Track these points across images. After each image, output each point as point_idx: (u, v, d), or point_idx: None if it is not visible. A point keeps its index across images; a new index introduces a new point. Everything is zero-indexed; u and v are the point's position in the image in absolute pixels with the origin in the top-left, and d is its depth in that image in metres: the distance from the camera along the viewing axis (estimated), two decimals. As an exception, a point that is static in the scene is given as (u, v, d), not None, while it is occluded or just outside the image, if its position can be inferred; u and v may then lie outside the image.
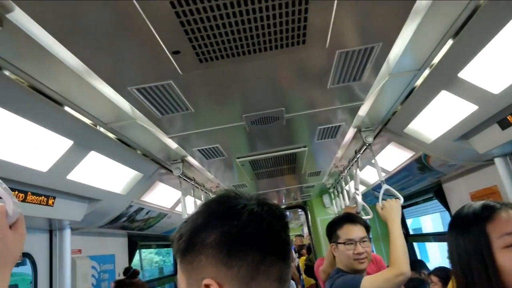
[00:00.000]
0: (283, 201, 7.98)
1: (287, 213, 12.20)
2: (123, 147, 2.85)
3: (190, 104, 2.04)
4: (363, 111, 2.88)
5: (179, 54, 1.47)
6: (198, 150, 3.00)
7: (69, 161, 2.45)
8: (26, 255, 3.17)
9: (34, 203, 2.52)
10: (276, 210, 0.86)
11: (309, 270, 7.47)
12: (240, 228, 0.81)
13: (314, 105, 2.42)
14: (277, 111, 2.39)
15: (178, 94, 1.87)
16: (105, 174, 3.02)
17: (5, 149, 2.02)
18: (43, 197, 2.56)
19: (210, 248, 0.80)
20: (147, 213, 4.35)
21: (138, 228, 4.65)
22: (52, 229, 3.45)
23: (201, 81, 1.79)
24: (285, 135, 3.00)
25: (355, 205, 3.53)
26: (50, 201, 2.71)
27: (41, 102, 1.97)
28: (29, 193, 2.44)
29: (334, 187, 6.24)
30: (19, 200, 2.39)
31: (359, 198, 3.52)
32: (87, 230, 3.82)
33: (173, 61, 1.53)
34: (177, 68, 1.59)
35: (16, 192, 2.32)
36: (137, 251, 5.25)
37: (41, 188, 2.49)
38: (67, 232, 3.50)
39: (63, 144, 2.32)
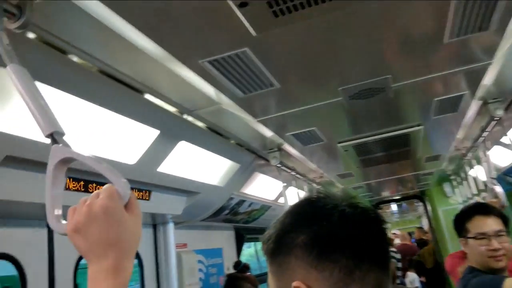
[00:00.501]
0: (397, 190, 7.34)
1: (397, 206, 11.31)
2: (215, 136, 2.69)
3: (273, 78, 1.76)
4: (489, 77, 2.33)
5: (247, 7, 1.20)
6: (293, 135, 2.72)
7: (157, 152, 2.35)
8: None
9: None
10: (371, 213, 0.83)
11: (419, 266, 6.82)
12: (329, 230, 0.78)
13: (428, 68, 1.98)
14: (382, 80, 2.00)
15: (256, 65, 1.61)
16: (200, 166, 2.90)
17: (89, 142, 1.95)
18: (136, 191, 2.50)
19: (299, 249, 0.78)
20: (249, 205, 4.21)
21: (242, 221, 4.55)
22: (155, 223, 3.46)
23: (281, 44, 1.50)
24: (394, 111, 2.58)
25: (496, 198, 2.93)
26: (145, 195, 2.65)
27: (120, 91, 1.86)
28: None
29: (456, 174, 5.52)
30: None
31: (499, 188, 2.92)
32: (191, 224, 3.79)
33: (241, 17, 1.26)
34: (249, 27, 1.32)
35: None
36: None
37: (132, 182, 2.42)
38: (170, 226, 3.49)
39: (149, 134, 2.21)
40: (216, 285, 4.27)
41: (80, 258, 2.67)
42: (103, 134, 1.98)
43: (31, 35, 1.42)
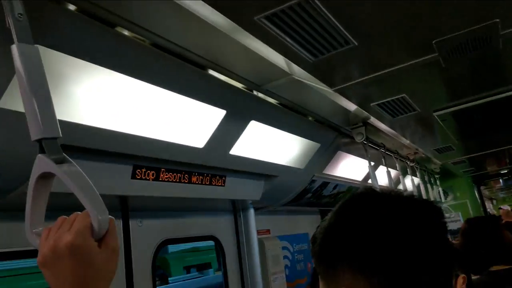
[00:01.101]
0: (505, 164, 6.53)
1: (504, 181, 10.16)
2: (289, 113, 2.44)
3: (348, 33, 1.45)
4: None
5: None
6: (379, 105, 2.36)
7: (226, 134, 2.15)
8: (211, 238, 3.08)
9: (200, 183, 2.31)
10: (428, 212, 0.74)
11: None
12: (380, 232, 0.70)
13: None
14: (487, 27, 1.60)
15: (325, 17, 1.31)
16: (276, 147, 2.66)
17: (152, 126, 1.80)
18: (207, 177, 2.34)
19: (345, 253, 0.72)
20: (334, 187, 3.91)
21: (328, 204, 4.27)
22: (235, 210, 3.31)
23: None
24: (502, 67, 2.12)
25: None
26: (220, 181, 2.49)
27: (179, 67, 1.69)
28: (193, 174, 2.25)
29: None
30: (184, 182, 2.21)
31: None
32: (272, 209, 3.59)
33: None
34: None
35: (176, 174, 2.13)
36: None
37: (203, 167, 2.26)
38: (251, 212, 3.32)
39: (214, 115, 2.01)
40: (303, 272, 4.06)
41: (159, 246, 2.61)
42: (165, 117, 1.81)
43: (71, 7, 1.27)
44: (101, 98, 1.55)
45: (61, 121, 1.43)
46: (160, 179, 2.07)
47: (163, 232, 2.65)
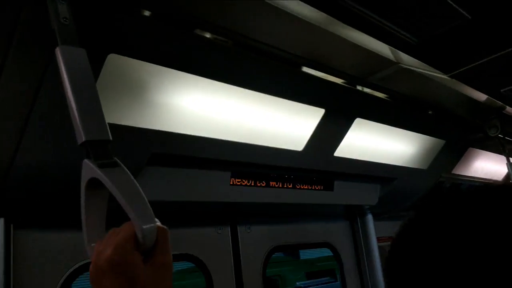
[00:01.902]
0: None
1: None
2: (402, 108, 2.16)
3: (458, 4, 1.18)
4: None
5: None
6: (513, 90, 1.96)
7: (328, 134, 1.98)
8: (326, 245, 2.92)
9: (305, 188, 2.18)
10: None
11: None
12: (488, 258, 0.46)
13: None
14: None
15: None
16: (390, 146, 2.40)
17: (247, 131, 1.74)
18: (311, 181, 2.19)
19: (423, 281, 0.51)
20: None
21: (463, 209, 3.77)
22: (351, 216, 3.09)
23: None
24: None
25: None
26: (327, 185, 2.32)
27: (271, 68, 1.59)
28: (295, 179, 2.12)
29: None
30: (286, 187, 2.10)
31: None
32: (395, 215, 3.28)
33: None
34: None
35: (276, 179, 2.04)
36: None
37: (305, 171, 2.12)
38: (369, 218, 3.07)
39: (312, 115, 1.87)
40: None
41: (270, 253, 2.54)
42: (257, 119, 1.73)
43: (146, 13, 1.25)
44: (195, 106, 1.53)
45: (158, 131, 1.46)
46: (261, 184, 1.99)
47: (273, 239, 2.57)
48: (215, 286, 2.20)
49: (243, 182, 1.93)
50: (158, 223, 0.72)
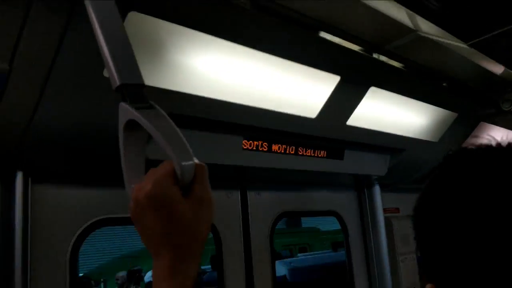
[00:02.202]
0: None
1: None
2: (417, 78, 2.14)
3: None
4: None
5: None
6: (533, 62, 1.94)
7: (342, 102, 1.98)
8: (333, 213, 2.96)
9: (316, 156, 2.19)
10: None
11: None
12: (495, 201, 0.50)
13: None
14: None
15: None
16: (402, 117, 2.40)
17: (261, 96, 1.73)
18: (322, 149, 2.20)
19: (442, 235, 0.54)
20: (477, 164, 3.42)
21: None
22: (359, 186, 3.12)
23: None
24: None
25: None
26: (337, 154, 2.33)
27: (285, 30, 1.57)
28: (307, 146, 2.13)
29: None
30: (298, 154, 2.12)
31: None
32: (403, 187, 3.31)
33: None
34: None
35: (288, 145, 2.05)
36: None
37: (318, 139, 2.13)
38: (376, 189, 3.10)
39: (328, 82, 1.86)
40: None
41: (277, 218, 2.58)
42: (271, 84, 1.73)
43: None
44: (210, 68, 1.53)
45: (173, 91, 1.47)
46: (272, 150, 2.01)
47: (281, 204, 2.61)
48: (224, 249, 2.25)
49: (255, 147, 1.94)
50: (196, 161, 0.73)
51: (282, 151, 2.04)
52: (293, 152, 2.06)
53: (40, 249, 1.57)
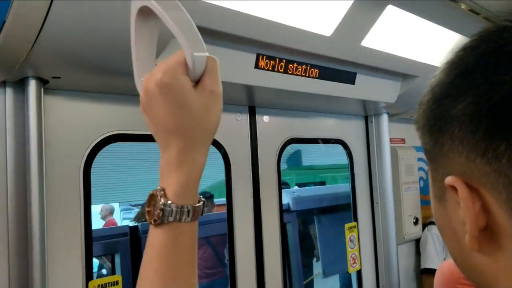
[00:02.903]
0: None
1: None
2: (436, -1, 2.06)
3: None
4: None
5: None
6: (561, -20, 1.84)
7: (358, 20, 1.91)
8: (339, 141, 2.97)
9: (328, 79, 2.16)
10: None
11: None
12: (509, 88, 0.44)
13: None
14: None
15: None
16: (418, 40, 2.33)
17: (275, 8, 1.67)
18: (335, 72, 2.16)
19: (457, 124, 0.48)
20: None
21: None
22: (366, 114, 3.11)
23: None
24: None
25: None
26: (349, 78, 2.29)
27: None
28: (320, 68, 2.09)
29: None
30: (311, 76, 2.08)
31: None
32: (410, 117, 3.30)
33: None
34: None
35: (301, 66, 2.00)
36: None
37: (330, 60, 2.08)
38: (384, 118, 3.09)
39: (345, -4, 1.78)
40: (440, 186, 3.75)
41: (285, 144, 2.59)
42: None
43: None
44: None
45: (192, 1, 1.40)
46: (285, 70, 1.96)
47: (289, 130, 2.61)
48: (233, 172, 2.28)
49: (268, 67, 1.90)
50: (209, 54, 0.72)
51: (297, 73, 2.00)
52: (307, 73, 2.02)
53: (53, 161, 1.58)
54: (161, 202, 0.68)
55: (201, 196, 0.75)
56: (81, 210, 1.65)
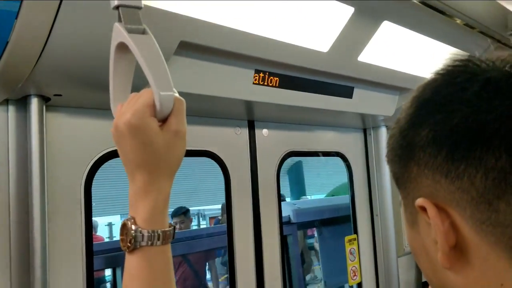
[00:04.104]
0: None
1: None
2: (431, 14, 2.09)
3: None
4: None
5: None
6: (552, -4, 1.88)
7: (355, 36, 1.95)
8: (337, 154, 2.99)
9: (325, 93, 2.19)
10: None
11: None
12: (465, 114, 0.49)
13: None
14: None
15: None
16: (413, 55, 2.37)
17: (273, 26, 1.70)
18: (332, 86, 2.19)
19: (421, 150, 0.53)
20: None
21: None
22: (364, 127, 3.13)
23: None
24: None
25: None
26: (347, 92, 2.32)
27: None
28: (317, 83, 2.12)
29: None
30: (308, 91, 2.11)
31: None
32: (408, 130, 3.32)
33: None
34: None
35: (299, 81, 2.03)
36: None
37: (328, 75, 2.11)
38: (382, 131, 3.11)
39: (341, 13, 1.82)
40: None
41: (284, 157, 2.62)
42: (283, 14, 1.69)
43: None
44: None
45: (188, 18, 1.43)
46: (282, 86, 2.00)
47: (288, 143, 2.64)
48: (233, 186, 2.30)
49: (266, 82, 1.93)
50: (176, 94, 0.76)
51: (294, 87, 2.03)
52: (304, 88, 2.05)
53: (55, 176, 1.60)
54: (132, 229, 0.73)
55: (171, 223, 0.80)
56: (82, 224, 1.67)
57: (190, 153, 2.01)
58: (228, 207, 2.32)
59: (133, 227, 0.74)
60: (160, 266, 0.75)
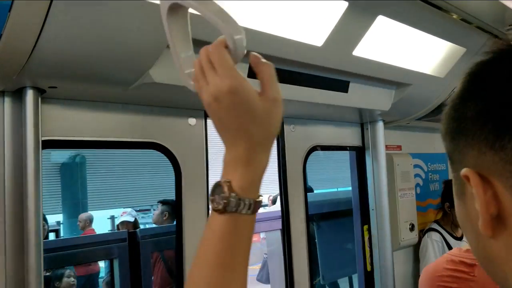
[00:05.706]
0: None
1: None
2: (427, 9, 2.09)
3: None
4: None
5: None
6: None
7: (349, 31, 1.95)
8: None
9: (320, 88, 2.20)
10: None
11: None
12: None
13: None
14: None
15: None
16: (409, 49, 2.37)
17: (266, 19, 1.71)
18: (327, 81, 2.20)
19: (469, 124, 0.57)
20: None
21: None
22: (362, 121, 3.14)
23: None
24: None
25: None
26: (342, 86, 2.33)
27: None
28: (312, 77, 2.13)
29: None
30: (303, 85, 2.12)
31: None
32: (405, 124, 3.34)
33: None
34: None
35: (293, 76, 2.04)
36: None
37: (323, 69, 2.12)
38: (379, 126, 3.12)
39: (335, 7, 1.82)
40: (437, 193, 3.79)
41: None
42: (276, 7, 1.70)
43: None
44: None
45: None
46: (277, 80, 2.00)
47: (311, 138, 2.74)
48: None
49: (261, 76, 1.94)
50: (263, 60, 0.81)
51: (289, 82, 2.04)
52: (299, 83, 2.06)
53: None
54: (227, 193, 0.73)
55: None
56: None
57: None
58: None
59: (229, 191, 0.74)
60: (245, 234, 0.76)
